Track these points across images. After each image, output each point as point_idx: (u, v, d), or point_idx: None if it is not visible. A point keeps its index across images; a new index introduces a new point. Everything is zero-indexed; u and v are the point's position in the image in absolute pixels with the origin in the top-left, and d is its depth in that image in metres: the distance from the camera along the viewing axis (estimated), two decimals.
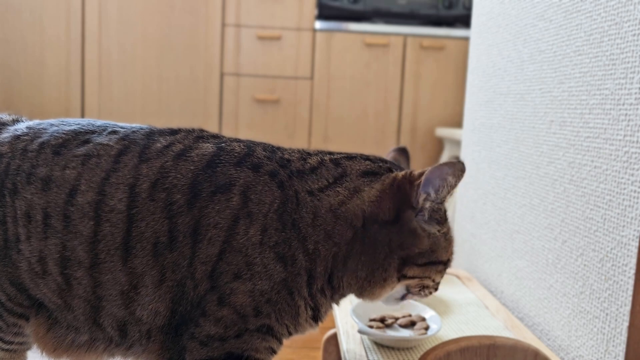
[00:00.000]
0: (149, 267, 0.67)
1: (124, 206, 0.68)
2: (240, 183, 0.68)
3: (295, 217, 0.67)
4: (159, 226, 0.67)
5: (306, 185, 0.69)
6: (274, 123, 2.79)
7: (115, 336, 0.72)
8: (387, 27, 2.79)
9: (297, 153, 0.74)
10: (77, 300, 0.71)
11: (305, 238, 0.67)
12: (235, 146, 0.72)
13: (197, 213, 0.67)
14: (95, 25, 2.68)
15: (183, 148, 0.71)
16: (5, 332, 0.78)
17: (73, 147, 0.72)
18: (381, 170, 0.72)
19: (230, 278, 0.66)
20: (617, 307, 0.78)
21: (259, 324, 0.68)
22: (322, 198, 0.69)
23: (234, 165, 0.69)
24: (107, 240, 0.68)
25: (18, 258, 0.72)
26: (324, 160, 0.73)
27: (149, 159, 0.70)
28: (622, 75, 0.79)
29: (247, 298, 0.66)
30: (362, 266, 0.69)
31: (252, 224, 0.66)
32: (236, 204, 0.67)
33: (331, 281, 0.70)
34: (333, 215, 0.68)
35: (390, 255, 0.69)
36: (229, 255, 0.66)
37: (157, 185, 0.68)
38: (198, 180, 0.68)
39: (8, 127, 0.79)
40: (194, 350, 0.68)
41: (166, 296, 0.68)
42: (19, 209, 0.71)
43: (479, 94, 1.37)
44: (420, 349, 0.85)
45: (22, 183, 0.72)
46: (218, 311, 0.67)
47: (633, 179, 0.76)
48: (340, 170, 0.71)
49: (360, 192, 0.69)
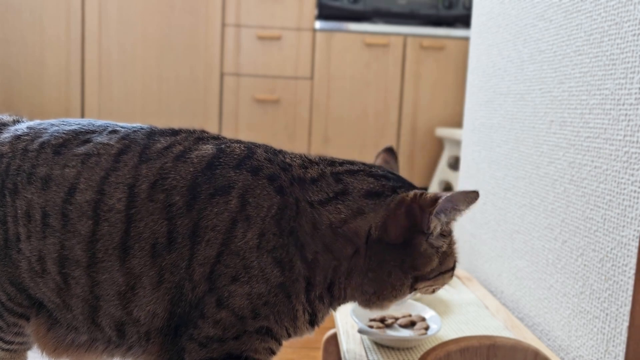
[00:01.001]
0: (147, 268, 0.67)
1: (122, 206, 0.68)
2: (239, 186, 0.67)
3: (294, 225, 0.67)
4: (157, 227, 0.67)
5: (306, 195, 0.68)
6: (274, 123, 2.79)
7: (114, 337, 0.72)
8: (387, 27, 2.79)
9: (298, 159, 0.73)
10: (75, 299, 0.71)
11: (303, 246, 0.67)
12: (235, 148, 0.71)
13: (196, 215, 0.67)
14: (95, 25, 2.68)
15: (183, 149, 0.71)
16: (5, 332, 0.78)
17: (73, 146, 0.72)
18: (385, 190, 0.69)
19: (228, 281, 0.66)
20: (617, 307, 0.78)
21: (258, 326, 0.68)
22: (322, 213, 0.67)
23: (233, 167, 0.69)
24: (105, 239, 0.68)
25: (18, 257, 0.72)
26: (325, 173, 0.71)
27: (149, 160, 0.70)
28: (622, 75, 0.79)
29: (245, 301, 0.66)
30: (370, 282, 0.68)
31: (249, 227, 0.66)
32: (234, 206, 0.66)
33: (331, 290, 0.70)
34: (332, 232, 0.67)
35: (403, 275, 0.68)
36: (227, 257, 0.66)
37: (156, 186, 0.68)
38: (197, 182, 0.68)
39: (9, 127, 0.79)
40: (193, 351, 0.68)
41: (164, 297, 0.68)
42: (20, 209, 0.71)
43: (479, 94, 1.37)
44: (420, 349, 0.85)
45: (22, 183, 0.72)
46: (216, 313, 0.67)
47: (633, 179, 0.76)
48: (341, 187, 0.69)
49: (364, 214, 0.67)
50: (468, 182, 1.42)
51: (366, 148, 2.83)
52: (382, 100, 2.82)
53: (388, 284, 0.68)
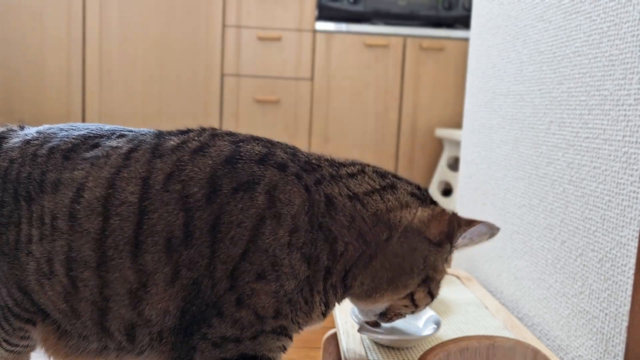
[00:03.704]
0: (161, 264, 0.66)
1: (135, 198, 0.66)
2: (265, 182, 0.67)
3: (323, 220, 0.68)
4: (172, 219, 0.65)
5: (344, 190, 0.70)
6: (275, 124, 2.80)
7: (124, 342, 0.71)
8: (387, 28, 2.80)
9: (325, 161, 0.74)
10: (83, 303, 0.70)
11: (336, 239, 0.68)
12: (254, 144, 0.71)
13: (217, 209, 0.65)
14: (96, 26, 2.69)
15: (200, 144, 0.70)
16: (11, 336, 0.78)
17: (82, 151, 0.72)
18: (427, 199, 0.75)
19: (252, 278, 0.65)
20: (617, 307, 0.78)
21: (276, 325, 0.68)
22: (369, 202, 0.70)
23: (256, 162, 0.68)
24: (115, 235, 0.66)
25: (27, 260, 0.71)
26: (365, 170, 0.74)
27: (162, 155, 0.69)
28: (622, 76, 0.79)
29: (271, 299, 0.66)
30: (389, 268, 0.70)
31: (280, 224, 0.65)
32: (262, 203, 0.66)
33: (345, 279, 0.71)
34: (375, 219, 0.70)
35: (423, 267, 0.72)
36: (253, 255, 0.65)
37: (172, 177, 0.67)
38: (217, 175, 0.67)
39: (18, 133, 0.79)
40: (205, 351, 0.67)
41: (178, 295, 0.66)
42: (35, 212, 0.71)
43: (478, 95, 1.37)
44: (420, 349, 0.85)
45: (35, 191, 0.71)
46: (236, 312, 0.66)
47: (632, 180, 0.76)
48: (389, 182, 0.74)
49: (411, 208, 0.72)
50: (468, 182, 1.42)
51: (366, 148, 2.83)
52: (382, 101, 2.83)
53: (406, 272, 0.71)
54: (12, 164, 0.74)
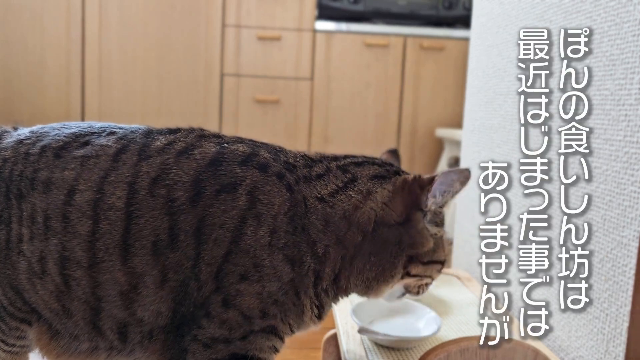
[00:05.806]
0: (149, 267, 0.67)
1: (122, 203, 0.67)
2: (246, 183, 0.67)
3: (305, 222, 0.68)
4: (158, 223, 0.66)
5: (314, 192, 0.70)
6: (274, 124, 2.80)
7: (115, 341, 0.71)
8: (387, 28, 2.80)
9: (301, 159, 0.74)
10: (76, 302, 0.70)
11: (315, 242, 0.68)
12: (238, 145, 0.72)
13: (201, 212, 0.66)
14: (95, 26, 2.68)
15: (185, 146, 0.71)
16: (7, 335, 0.78)
17: (73, 149, 0.72)
18: (389, 173, 0.74)
19: (236, 279, 0.66)
20: (617, 307, 0.78)
21: (265, 325, 0.68)
22: (335, 204, 0.69)
23: (239, 164, 0.69)
24: (105, 238, 0.67)
25: (18, 259, 0.72)
26: (330, 167, 0.73)
27: (149, 157, 0.70)
28: (622, 76, 0.79)
29: (255, 300, 0.66)
30: (371, 266, 0.70)
31: (260, 225, 0.66)
32: (243, 204, 0.66)
33: (337, 282, 0.71)
34: (347, 222, 0.69)
35: (399, 253, 0.71)
36: (236, 256, 0.66)
37: (157, 182, 0.68)
38: (201, 178, 0.67)
39: (11, 134, 0.79)
40: (196, 352, 0.67)
41: (168, 296, 0.67)
42: (25, 211, 0.71)
43: (478, 95, 1.37)
44: (420, 349, 0.85)
45: (26, 188, 0.72)
46: (223, 313, 0.66)
47: (633, 180, 0.76)
48: (349, 176, 0.73)
49: (373, 193, 0.71)
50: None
51: (366, 148, 2.83)
52: (382, 100, 2.83)
53: (387, 264, 0.71)
54: (5, 163, 0.74)
